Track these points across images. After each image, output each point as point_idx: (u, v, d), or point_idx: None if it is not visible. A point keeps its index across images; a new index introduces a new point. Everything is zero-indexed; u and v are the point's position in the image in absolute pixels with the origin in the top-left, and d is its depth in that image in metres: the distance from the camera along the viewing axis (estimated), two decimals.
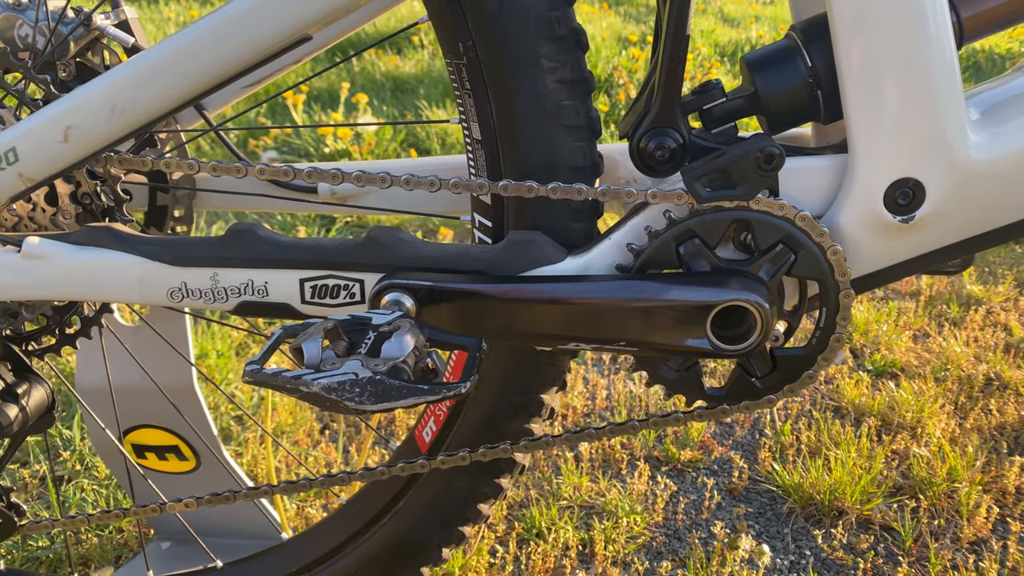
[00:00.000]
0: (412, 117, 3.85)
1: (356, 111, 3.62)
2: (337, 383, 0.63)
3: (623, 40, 5.35)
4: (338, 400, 0.63)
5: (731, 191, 0.75)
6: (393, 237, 0.80)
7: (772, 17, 6.45)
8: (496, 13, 0.76)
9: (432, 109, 3.68)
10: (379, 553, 1.03)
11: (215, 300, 0.81)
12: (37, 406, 0.88)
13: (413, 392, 0.64)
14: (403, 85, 4.57)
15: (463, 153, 0.89)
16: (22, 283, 0.79)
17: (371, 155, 3.24)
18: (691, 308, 0.75)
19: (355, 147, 3.25)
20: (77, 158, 0.77)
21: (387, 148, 3.33)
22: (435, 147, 3.39)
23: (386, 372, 0.64)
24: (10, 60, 0.85)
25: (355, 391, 0.63)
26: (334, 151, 3.28)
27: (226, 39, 0.72)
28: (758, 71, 0.79)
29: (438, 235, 2.70)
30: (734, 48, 5.38)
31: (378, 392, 0.63)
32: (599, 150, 0.83)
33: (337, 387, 0.63)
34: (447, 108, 3.72)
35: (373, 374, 0.63)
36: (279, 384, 0.64)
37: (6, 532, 0.98)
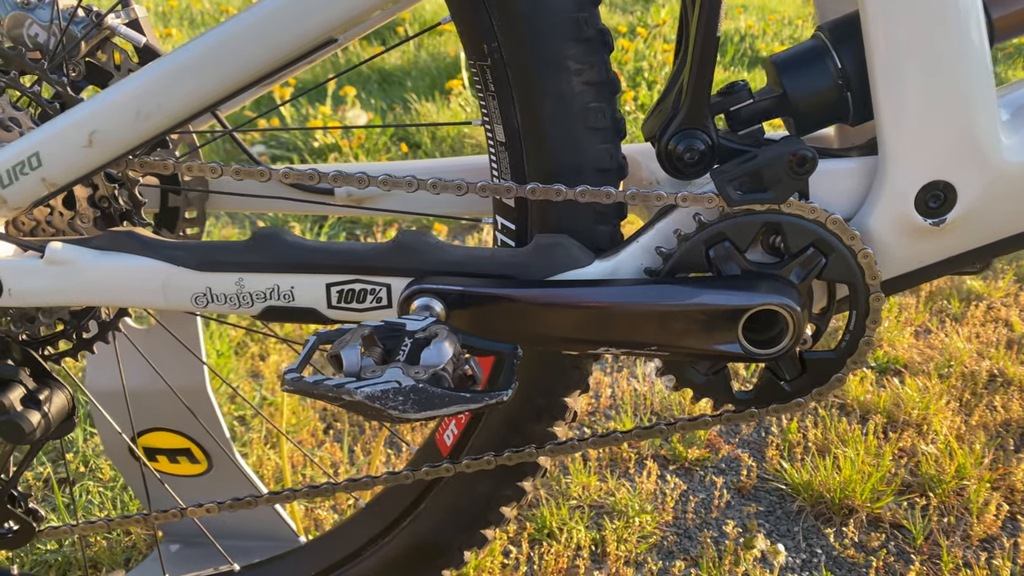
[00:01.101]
0: (400, 110, 3.82)
1: (344, 104, 3.59)
2: (380, 392, 0.62)
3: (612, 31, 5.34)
4: (381, 409, 0.62)
5: (763, 194, 0.75)
6: (420, 241, 0.79)
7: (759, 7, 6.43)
8: (524, 14, 0.75)
9: (421, 102, 3.66)
10: (400, 556, 1.03)
11: (240, 305, 0.80)
12: (59, 412, 0.87)
13: (456, 400, 0.63)
14: (389, 77, 4.53)
15: (461, 149, 0.88)
16: (46, 289, 0.78)
17: (361, 149, 3.23)
18: (724, 312, 0.75)
19: (344, 141, 3.23)
20: (100, 163, 0.76)
21: (377, 142, 3.31)
22: (425, 140, 3.37)
23: (427, 380, 0.63)
24: (26, 62, 0.84)
25: (398, 400, 0.62)
26: (323, 145, 3.26)
27: (256, 42, 0.71)
28: (786, 72, 0.79)
29: (431, 231, 2.69)
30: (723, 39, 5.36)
31: (421, 400, 0.62)
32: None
33: (381, 396, 0.62)
34: (436, 101, 3.70)
35: (416, 382, 0.62)
36: (320, 393, 0.63)
37: (25, 538, 0.97)
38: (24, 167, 0.75)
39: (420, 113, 3.54)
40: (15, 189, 0.76)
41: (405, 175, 0.79)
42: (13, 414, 0.83)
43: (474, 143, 3.28)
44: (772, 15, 5.77)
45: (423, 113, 3.54)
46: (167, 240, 0.80)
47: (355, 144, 3.22)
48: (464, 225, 2.76)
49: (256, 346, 2.07)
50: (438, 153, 3.27)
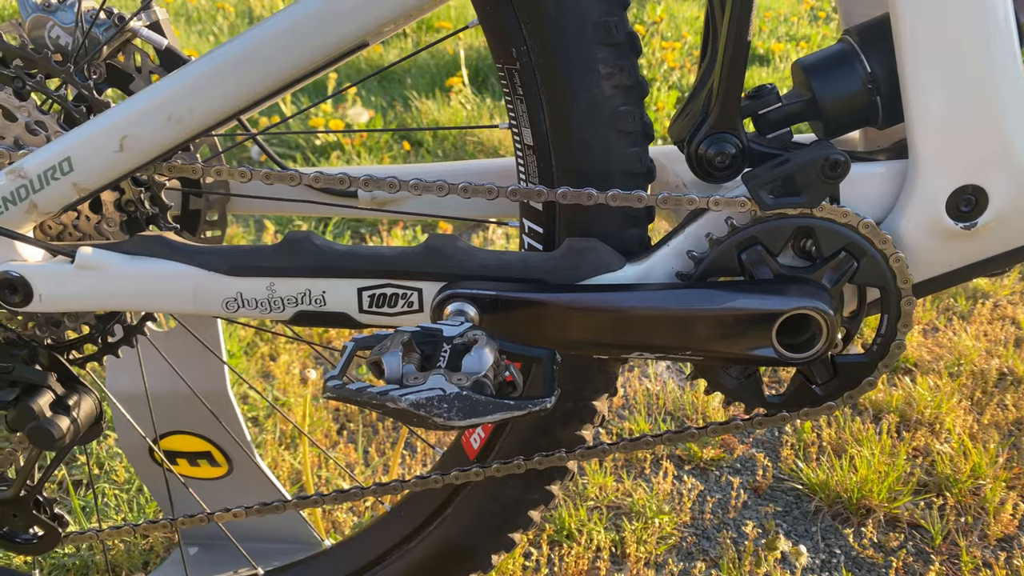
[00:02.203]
0: (400, 107, 3.81)
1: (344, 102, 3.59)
2: (425, 399, 0.62)
3: None
4: (426, 416, 0.62)
5: (796, 198, 0.75)
6: (452, 245, 0.79)
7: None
8: (554, 18, 0.75)
9: (421, 99, 3.65)
10: (427, 560, 1.03)
11: (271, 310, 0.80)
12: (87, 417, 0.87)
13: (500, 408, 0.63)
14: (389, 75, 4.52)
15: (463, 147, 0.87)
16: (77, 294, 0.78)
17: (363, 147, 3.22)
18: (758, 317, 0.75)
19: (347, 139, 3.22)
20: (131, 167, 0.76)
21: (379, 140, 3.30)
22: (427, 139, 3.36)
23: (470, 387, 0.63)
24: (51, 65, 0.83)
25: (443, 407, 0.62)
26: (325, 143, 3.26)
27: (290, 47, 0.71)
28: (816, 76, 0.78)
29: (436, 230, 2.68)
30: None
31: (465, 408, 0.62)
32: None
33: (425, 403, 0.62)
34: (436, 98, 3.69)
35: (460, 390, 0.62)
36: (364, 400, 0.63)
37: (50, 543, 0.97)
38: (55, 172, 0.74)
39: (420, 111, 3.53)
40: (46, 194, 0.75)
41: (436, 180, 0.79)
42: (43, 420, 0.82)
43: (475, 140, 3.27)
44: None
45: (423, 111, 3.53)
46: (197, 245, 0.79)
47: (357, 142, 3.21)
48: (468, 225, 2.76)
49: (266, 346, 2.06)
50: (440, 151, 3.26)
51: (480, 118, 3.46)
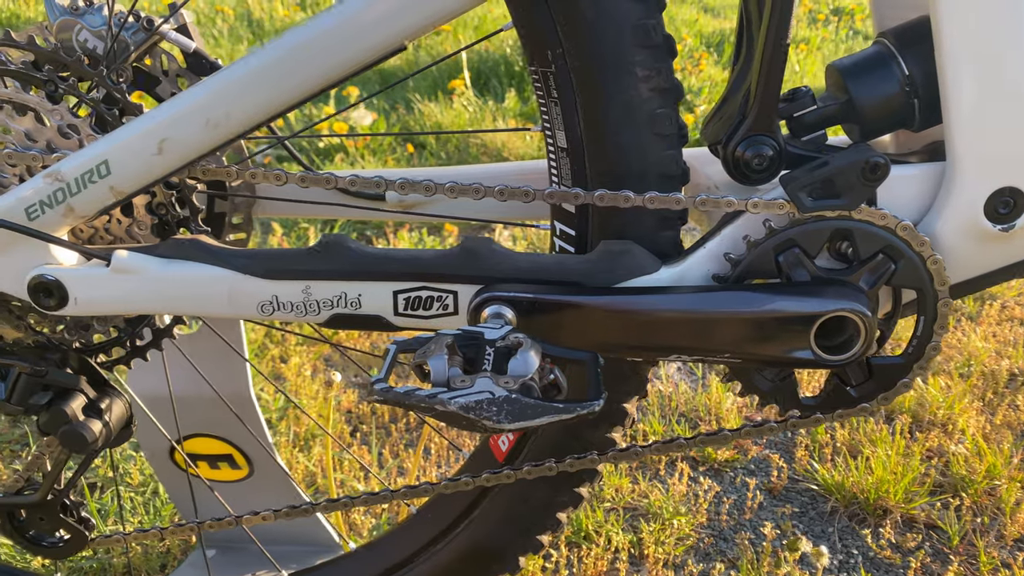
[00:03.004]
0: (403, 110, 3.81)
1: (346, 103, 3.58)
2: (475, 402, 0.62)
3: None
4: (475, 419, 0.62)
5: (835, 201, 0.75)
6: (487, 248, 0.79)
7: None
8: (591, 21, 0.75)
9: (424, 102, 3.65)
10: (454, 562, 1.02)
11: (306, 313, 0.79)
12: (118, 420, 0.86)
13: (549, 411, 0.63)
14: (390, 77, 4.52)
15: (466, 150, 0.87)
16: (112, 297, 0.78)
17: (367, 149, 3.22)
18: (798, 319, 0.75)
19: (350, 141, 3.22)
20: (168, 171, 0.75)
21: (382, 142, 3.30)
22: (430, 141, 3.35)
23: (518, 390, 0.63)
24: (84, 68, 0.83)
25: (492, 410, 0.62)
26: (329, 145, 3.25)
27: (330, 50, 0.70)
28: (852, 79, 0.78)
29: (442, 231, 2.68)
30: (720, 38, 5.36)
31: (514, 411, 0.62)
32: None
33: (475, 406, 0.62)
34: (439, 100, 3.69)
35: (509, 393, 0.62)
36: (412, 403, 0.63)
37: (77, 547, 0.96)
38: (92, 175, 0.74)
39: (424, 113, 3.53)
40: (82, 197, 0.75)
41: (472, 183, 0.79)
42: (76, 423, 0.82)
43: (478, 143, 3.27)
44: None
45: (426, 113, 3.52)
46: (232, 248, 0.79)
47: (360, 144, 3.21)
48: (473, 227, 2.75)
49: (276, 348, 2.06)
50: (443, 154, 3.26)
51: (483, 120, 3.46)
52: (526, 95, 3.79)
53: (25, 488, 0.95)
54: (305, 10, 5.66)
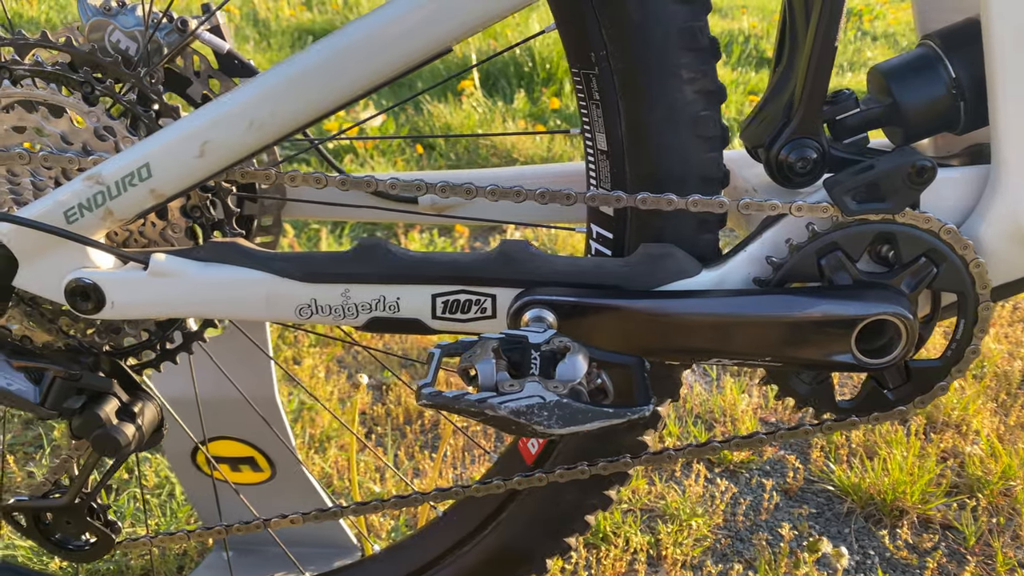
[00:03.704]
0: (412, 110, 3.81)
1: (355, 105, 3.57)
2: (525, 407, 0.61)
3: None
4: (526, 424, 0.61)
5: (880, 204, 0.74)
6: (526, 251, 0.78)
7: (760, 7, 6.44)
8: (637, 24, 0.74)
9: (433, 103, 3.64)
10: (481, 564, 1.02)
11: (344, 316, 0.79)
12: (150, 424, 0.86)
13: (599, 416, 0.62)
14: None
15: (476, 151, 0.87)
16: (150, 301, 0.77)
17: (376, 151, 3.21)
18: (840, 322, 0.75)
19: (359, 142, 3.21)
20: (209, 173, 0.75)
21: (391, 143, 3.29)
22: (439, 141, 3.36)
23: (567, 394, 0.62)
24: (121, 70, 0.82)
25: (543, 415, 0.62)
26: (337, 147, 3.24)
27: (378, 51, 0.70)
28: (897, 81, 0.78)
29: (453, 233, 2.67)
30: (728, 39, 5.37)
31: (565, 416, 0.62)
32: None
33: (526, 411, 0.61)
34: (449, 101, 3.68)
35: (559, 397, 0.62)
36: (461, 408, 0.63)
37: (103, 550, 0.96)
38: (133, 178, 0.73)
39: (432, 114, 3.52)
40: (122, 200, 0.74)
41: (513, 186, 0.78)
42: (109, 427, 0.81)
43: (488, 145, 3.26)
44: (775, 15, 5.77)
45: (435, 114, 3.52)
46: (271, 251, 0.79)
47: (370, 145, 3.20)
48: (483, 229, 2.74)
49: (289, 350, 2.05)
50: (452, 155, 3.25)
51: (492, 121, 3.45)
52: (535, 96, 3.79)
53: (52, 491, 0.94)
54: (311, 10, 5.64)
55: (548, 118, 3.60)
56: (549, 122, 3.57)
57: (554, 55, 3.94)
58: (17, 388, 0.79)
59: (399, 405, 1.85)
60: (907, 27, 5.86)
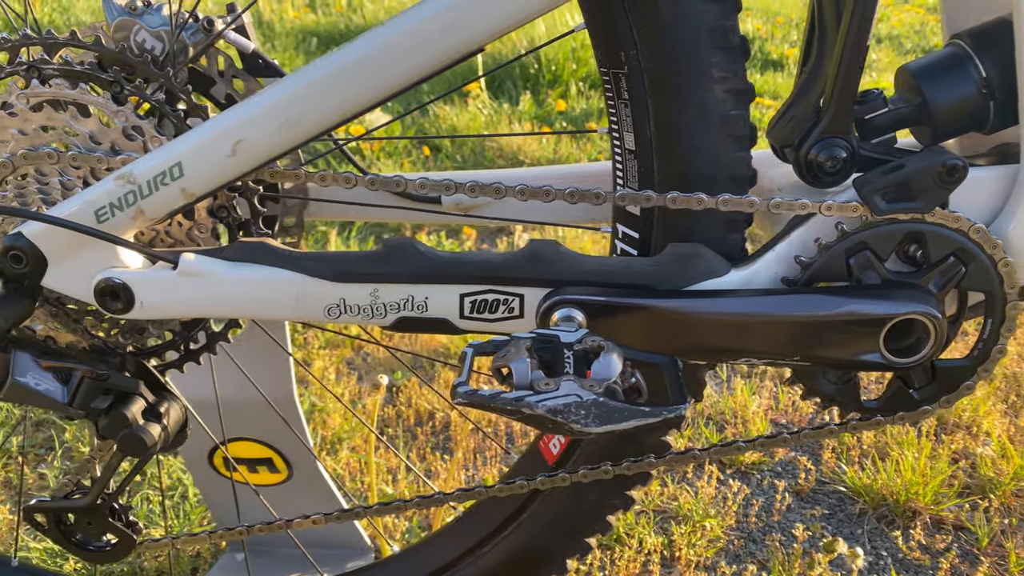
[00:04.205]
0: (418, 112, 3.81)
1: None
2: (563, 405, 0.61)
3: None
4: (563, 423, 0.61)
5: (910, 204, 0.75)
6: (555, 251, 0.78)
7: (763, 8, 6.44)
8: (668, 23, 0.74)
9: (439, 104, 3.65)
10: (501, 565, 1.02)
11: (373, 316, 0.79)
12: (175, 424, 0.85)
13: (636, 414, 0.62)
14: None
15: (482, 152, 0.86)
16: (179, 300, 0.77)
17: (382, 152, 3.21)
18: (869, 321, 0.75)
19: (365, 144, 3.20)
20: (240, 173, 0.75)
21: (397, 145, 3.29)
22: (445, 144, 3.36)
23: (603, 393, 0.62)
24: (151, 69, 0.82)
25: (580, 414, 0.62)
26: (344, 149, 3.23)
27: (412, 51, 0.70)
28: (927, 80, 0.78)
29: (460, 234, 2.67)
30: None
31: (602, 414, 0.62)
32: None
33: (563, 409, 0.61)
34: (454, 103, 3.69)
35: (596, 396, 0.62)
36: (498, 406, 0.63)
37: (124, 551, 0.95)
38: (165, 177, 0.73)
39: (439, 115, 3.52)
40: (154, 200, 0.74)
41: (543, 185, 0.78)
42: (136, 427, 0.81)
43: (494, 146, 3.26)
44: (778, 17, 5.78)
45: (441, 116, 3.52)
46: (299, 251, 0.78)
47: (376, 147, 3.20)
48: (490, 230, 2.74)
49: (299, 352, 2.05)
50: (459, 156, 3.25)
51: (498, 123, 3.45)
52: (540, 98, 3.79)
53: (74, 492, 0.94)
54: (315, 12, 5.64)
55: (554, 120, 3.60)
56: (555, 124, 3.57)
57: (559, 57, 3.95)
58: (45, 388, 0.79)
59: (410, 407, 1.85)
60: (911, 29, 5.87)
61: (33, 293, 0.78)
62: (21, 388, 0.78)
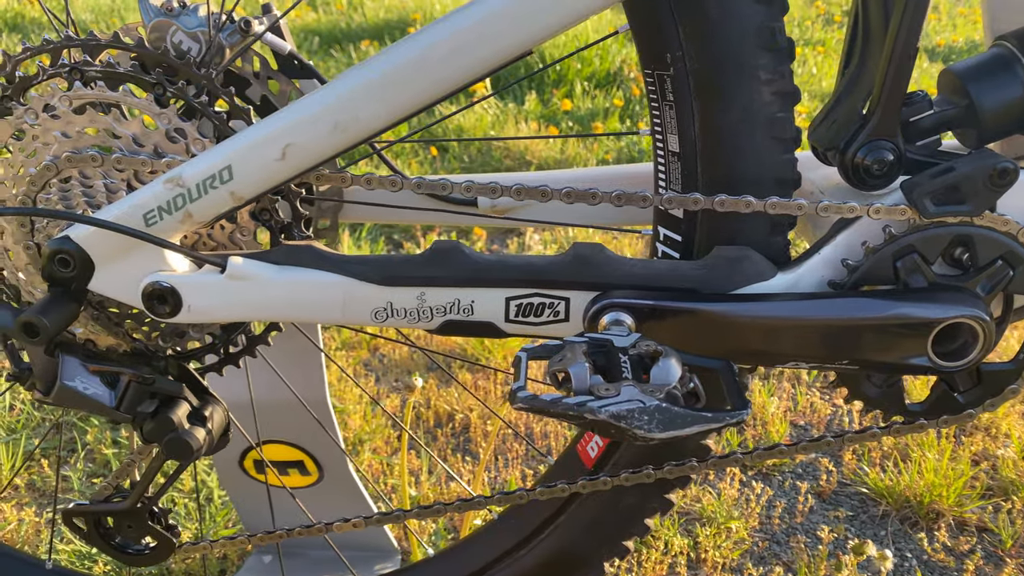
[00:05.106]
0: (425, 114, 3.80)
1: None
2: (626, 411, 0.61)
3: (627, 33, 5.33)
4: (626, 428, 0.61)
5: (960, 207, 0.75)
6: (601, 254, 0.78)
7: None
8: (716, 24, 0.74)
9: (445, 104, 3.64)
10: (537, 568, 1.02)
11: (419, 320, 0.79)
12: (219, 427, 0.85)
13: (699, 420, 0.62)
14: None
15: (489, 152, 0.86)
16: (226, 304, 0.77)
17: (388, 152, 3.20)
18: (918, 325, 0.75)
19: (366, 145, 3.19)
20: (289, 176, 0.74)
21: (404, 146, 3.28)
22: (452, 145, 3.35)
23: (664, 398, 0.62)
24: (193, 71, 0.82)
25: (643, 419, 0.61)
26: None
27: (463, 52, 0.70)
28: (974, 82, 0.78)
29: (471, 236, 2.67)
30: None
31: (665, 420, 0.62)
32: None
33: (626, 415, 0.61)
34: (460, 102, 3.68)
35: (659, 402, 0.61)
36: (559, 411, 0.62)
37: (164, 554, 0.95)
38: (215, 181, 0.73)
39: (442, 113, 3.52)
40: (202, 203, 0.74)
41: (589, 189, 0.78)
42: (181, 431, 0.81)
43: (501, 147, 3.26)
44: None
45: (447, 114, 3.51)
46: (346, 255, 0.78)
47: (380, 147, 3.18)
48: (499, 231, 2.74)
49: None
50: (466, 157, 3.25)
51: (505, 123, 3.45)
52: (545, 97, 3.79)
53: (113, 495, 0.94)
54: (316, 11, 5.64)
55: (560, 120, 3.60)
56: (561, 124, 3.57)
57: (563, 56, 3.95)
58: (93, 392, 0.78)
59: (429, 408, 1.85)
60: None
61: (80, 297, 0.78)
62: (69, 392, 0.78)
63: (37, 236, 0.85)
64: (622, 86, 4.08)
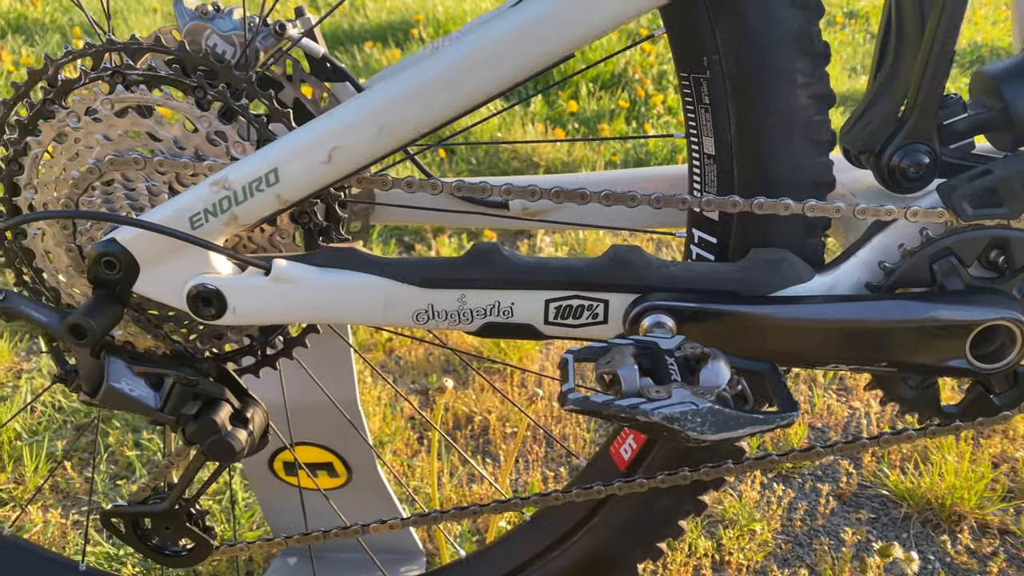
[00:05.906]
0: None
1: None
2: (679, 413, 0.62)
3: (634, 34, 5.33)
4: (679, 430, 0.62)
5: (997, 209, 0.75)
6: (640, 256, 0.79)
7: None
8: (754, 28, 0.75)
9: None
10: (570, 570, 1.03)
11: (459, 322, 0.79)
12: (260, 429, 0.86)
13: (750, 422, 0.63)
14: None
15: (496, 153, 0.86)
16: (271, 306, 0.77)
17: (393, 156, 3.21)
18: (957, 327, 0.75)
19: None
20: (333, 179, 0.75)
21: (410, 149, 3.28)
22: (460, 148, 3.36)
23: (715, 401, 0.63)
24: (233, 75, 0.83)
25: (696, 421, 0.62)
26: None
27: (509, 55, 0.70)
28: (1010, 85, 0.79)
29: (481, 238, 2.67)
30: None
31: (717, 422, 0.62)
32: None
33: (680, 417, 0.62)
34: None
35: (711, 404, 0.62)
36: (610, 413, 0.63)
37: (201, 555, 0.96)
38: (261, 184, 0.74)
39: None
40: (248, 206, 0.75)
41: (627, 191, 0.79)
42: (224, 433, 0.82)
43: (509, 149, 3.27)
44: None
45: None
46: (388, 257, 0.79)
47: None
48: (509, 233, 2.75)
49: None
50: (473, 159, 3.26)
51: (511, 124, 3.46)
52: (550, 99, 3.79)
53: (151, 497, 0.94)
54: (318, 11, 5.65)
55: (566, 121, 3.60)
56: (567, 125, 3.58)
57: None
58: (138, 394, 0.79)
59: (447, 411, 1.85)
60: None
61: (124, 299, 0.79)
62: (115, 393, 0.78)
63: (79, 239, 0.85)
64: (627, 87, 4.09)
